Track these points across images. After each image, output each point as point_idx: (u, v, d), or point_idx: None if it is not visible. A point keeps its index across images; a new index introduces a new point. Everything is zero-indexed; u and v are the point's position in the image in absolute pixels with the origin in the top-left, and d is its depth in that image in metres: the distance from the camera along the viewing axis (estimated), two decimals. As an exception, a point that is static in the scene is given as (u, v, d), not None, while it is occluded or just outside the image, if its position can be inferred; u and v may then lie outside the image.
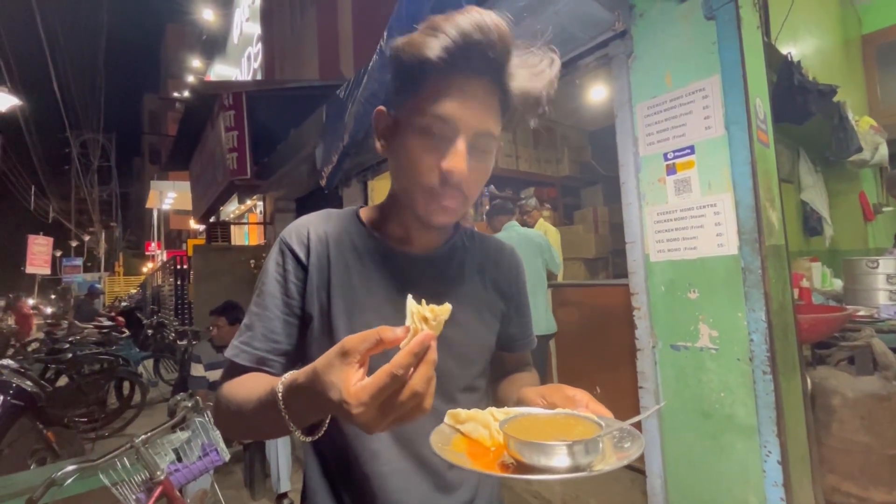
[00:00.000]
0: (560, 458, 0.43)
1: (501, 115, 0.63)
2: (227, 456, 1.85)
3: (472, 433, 0.52)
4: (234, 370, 0.65)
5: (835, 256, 3.27)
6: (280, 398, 0.47)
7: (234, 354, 0.65)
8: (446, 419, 0.55)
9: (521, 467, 0.45)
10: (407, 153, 0.61)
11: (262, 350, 0.65)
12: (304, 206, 5.63)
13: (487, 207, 4.63)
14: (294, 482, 2.71)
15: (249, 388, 0.58)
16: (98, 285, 13.34)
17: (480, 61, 0.57)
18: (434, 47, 0.56)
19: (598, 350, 2.39)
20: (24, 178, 21.80)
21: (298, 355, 0.68)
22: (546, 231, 3.90)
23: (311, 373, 0.44)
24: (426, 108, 0.59)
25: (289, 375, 0.48)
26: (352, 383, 0.40)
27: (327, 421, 0.53)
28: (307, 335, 0.67)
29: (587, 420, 0.50)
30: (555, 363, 2.76)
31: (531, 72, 0.61)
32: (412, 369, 0.40)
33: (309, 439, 0.53)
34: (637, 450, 0.45)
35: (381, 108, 0.67)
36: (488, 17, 0.55)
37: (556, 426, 0.50)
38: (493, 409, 0.55)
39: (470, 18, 0.55)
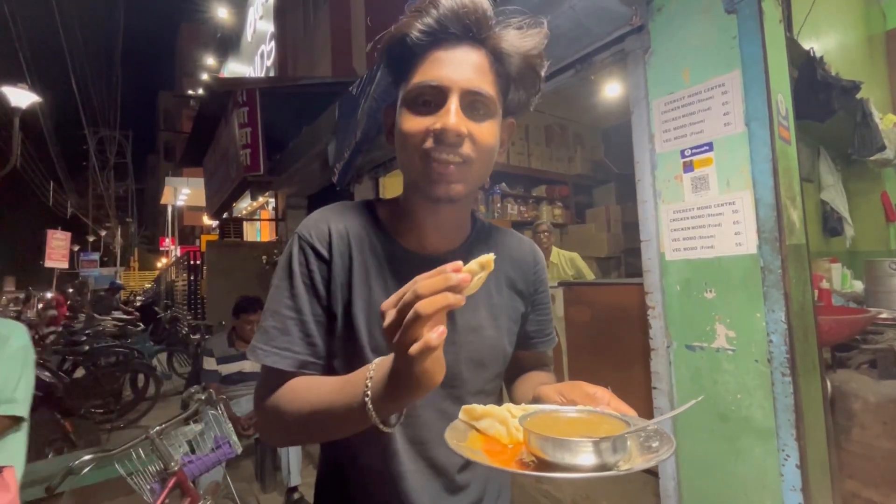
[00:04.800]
0: (585, 456, 0.40)
1: (496, 79, 0.62)
2: (239, 449, 1.88)
3: (489, 430, 0.50)
4: (275, 376, 0.62)
5: (855, 258, 3.19)
6: (369, 382, 0.49)
7: (275, 361, 0.62)
8: (461, 415, 0.54)
9: (543, 465, 0.42)
10: (404, 127, 0.61)
11: (303, 354, 0.63)
12: (316, 202, 5.66)
13: (499, 204, 4.60)
14: (304, 476, 2.73)
15: (315, 391, 0.58)
16: (118, 281, 13.58)
17: (460, 28, 0.59)
18: (413, 26, 0.58)
19: (611, 350, 2.36)
20: (42, 174, 22.28)
21: (330, 355, 0.67)
22: (573, 259, 3.61)
23: None
24: (415, 81, 0.60)
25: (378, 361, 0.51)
26: None
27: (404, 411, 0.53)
28: (332, 333, 0.66)
29: (613, 418, 0.47)
30: (566, 363, 2.73)
31: (519, 33, 0.61)
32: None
33: (386, 429, 0.52)
34: (667, 450, 0.42)
35: (389, 106, 0.69)
36: None
37: (580, 424, 0.47)
38: (510, 406, 0.53)
39: None
